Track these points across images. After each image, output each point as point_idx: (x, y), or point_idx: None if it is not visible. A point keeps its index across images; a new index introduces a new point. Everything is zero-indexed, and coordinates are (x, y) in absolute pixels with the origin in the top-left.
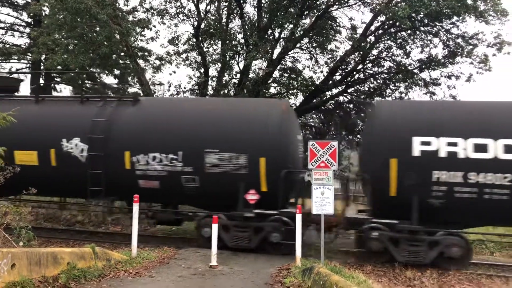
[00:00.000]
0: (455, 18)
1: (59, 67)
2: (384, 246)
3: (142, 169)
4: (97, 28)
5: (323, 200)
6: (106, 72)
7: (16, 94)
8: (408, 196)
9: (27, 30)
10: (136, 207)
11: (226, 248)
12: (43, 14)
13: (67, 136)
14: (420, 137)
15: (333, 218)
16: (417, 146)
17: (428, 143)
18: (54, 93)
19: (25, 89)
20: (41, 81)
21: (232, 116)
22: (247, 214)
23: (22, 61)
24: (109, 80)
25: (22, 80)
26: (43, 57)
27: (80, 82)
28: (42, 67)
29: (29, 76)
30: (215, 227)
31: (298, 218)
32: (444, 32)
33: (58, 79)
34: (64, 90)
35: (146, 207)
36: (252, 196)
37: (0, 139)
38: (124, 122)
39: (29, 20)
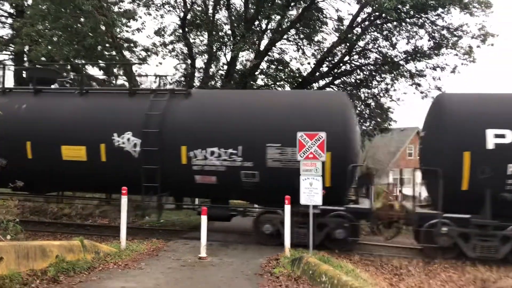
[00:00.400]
0: (440, 9)
1: (43, 58)
2: (454, 241)
3: (200, 164)
4: (82, 19)
5: (311, 190)
6: (91, 65)
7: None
8: (480, 190)
9: (9, 20)
10: (124, 199)
11: (282, 244)
12: (26, 4)
13: (119, 130)
14: (494, 130)
15: (394, 213)
16: (491, 139)
17: (502, 136)
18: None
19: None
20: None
21: (295, 109)
22: (313, 210)
23: (4, 52)
24: (95, 71)
25: (60, 72)
26: (26, 48)
27: (64, 74)
28: (25, 59)
29: (12, 68)
30: (204, 218)
31: (287, 208)
32: (430, 24)
33: None
34: None
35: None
36: None
37: (46, 134)
38: (180, 116)
39: (12, 10)
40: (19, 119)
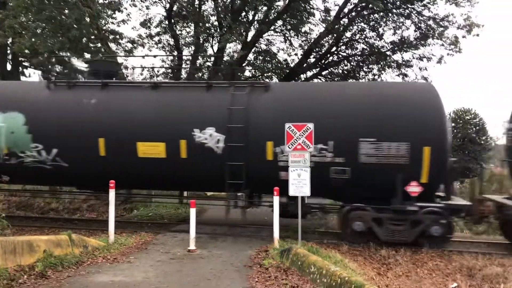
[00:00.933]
0: (426, 0)
1: (27, 51)
2: None
3: (286, 160)
4: (66, 11)
5: (300, 182)
6: (76, 57)
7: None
8: None
9: None
10: (112, 193)
11: (376, 241)
12: None
13: (200, 125)
14: None
15: (485, 208)
16: None
17: None
18: (23, 78)
19: None
20: (8, 66)
21: (389, 102)
22: (411, 207)
23: None
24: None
25: (121, 64)
26: (9, 40)
27: (49, 66)
28: (8, 51)
29: None
30: (193, 211)
31: (276, 200)
32: (416, 14)
33: (26, 64)
34: (33, 75)
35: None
36: (414, 188)
37: (120, 130)
38: (263, 110)
39: None
40: (89, 115)
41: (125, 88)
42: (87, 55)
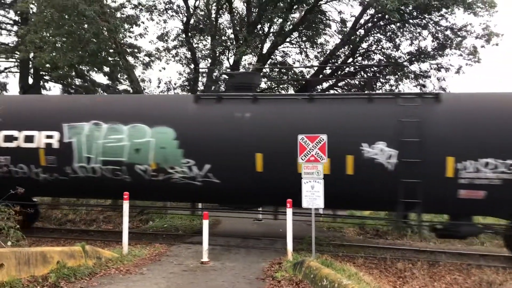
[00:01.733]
0: (443, 10)
1: (47, 65)
2: None
3: (469, 177)
4: (85, 25)
5: (313, 194)
6: (96, 69)
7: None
8: None
9: (15, 28)
10: (126, 205)
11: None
12: (30, 12)
13: (369, 140)
14: None
15: None
16: None
17: None
18: (44, 92)
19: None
20: (30, 80)
21: None
22: None
23: (10, 60)
24: (99, 77)
25: (260, 74)
26: (31, 55)
27: (69, 80)
28: (30, 66)
29: (17, 75)
30: (205, 223)
31: (289, 212)
32: (433, 25)
33: (47, 77)
34: (54, 88)
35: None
36: None
37: (280, 145)
38: (441, 122)
39: (16, 18)
40: (244, 129)
41: (277, 101)
42: (106, 69)
